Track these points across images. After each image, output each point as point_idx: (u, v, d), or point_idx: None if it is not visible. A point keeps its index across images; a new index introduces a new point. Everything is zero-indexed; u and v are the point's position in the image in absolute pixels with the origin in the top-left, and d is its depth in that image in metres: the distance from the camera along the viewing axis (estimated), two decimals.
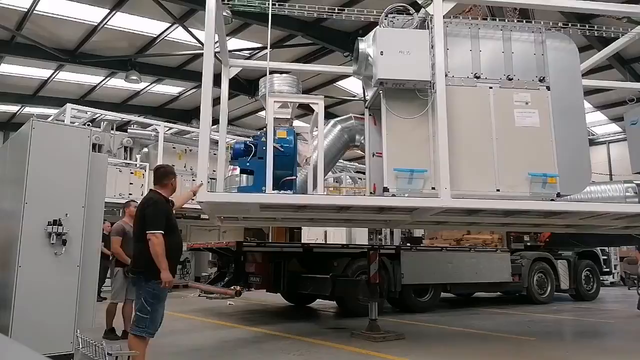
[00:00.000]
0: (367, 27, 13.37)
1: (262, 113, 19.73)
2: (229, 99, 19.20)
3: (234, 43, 13.83)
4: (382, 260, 7.91)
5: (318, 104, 6.03)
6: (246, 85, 16.35)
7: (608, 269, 13.45)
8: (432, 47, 5.34)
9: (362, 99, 6.77)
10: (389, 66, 5.26)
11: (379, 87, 5.50)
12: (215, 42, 5.61)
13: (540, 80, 5.68)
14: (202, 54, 5.26)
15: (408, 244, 11.91)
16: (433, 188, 5.23)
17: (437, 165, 5.18)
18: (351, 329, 7.01)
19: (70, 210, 4.73)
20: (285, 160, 5.70)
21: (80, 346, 4.02)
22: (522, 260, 11.10)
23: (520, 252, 11.43)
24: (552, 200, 5.45)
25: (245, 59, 14.85)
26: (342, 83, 16.75)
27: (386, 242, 15.27)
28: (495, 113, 5.49)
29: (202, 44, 13.25)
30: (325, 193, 6.15)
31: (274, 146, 5.50)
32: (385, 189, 5.21)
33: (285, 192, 5.48)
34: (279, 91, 6.43)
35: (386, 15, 5.62)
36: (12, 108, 18.78)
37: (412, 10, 5.62)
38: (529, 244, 11.86)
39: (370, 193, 6.31)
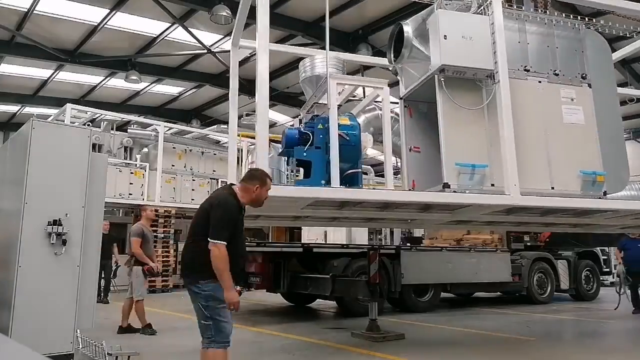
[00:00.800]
0: (367, 27, 13.41)
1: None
2: (228, 99, 19.14)
3: None
4: (382, 260, 7.91)
5: (383, 88, 5.34)
6: (246, 85, 16.33)
7: (608, 269, 13.44)
8: (492, 34, 5.06)
9: (362, 99, 6.67)
10: (453, 52, 4.90)
11: (437, 76, 5.03)
12: (216, 42, 5.55)
13: (582, 78, 5.58)
14: (202, 54, 5.27)
15: (408, 244, 11.91)
16: (492, 185, 4.96)
17: (498, 160, 4.94)
18: (351, 329, 7.01)
19: (70, 210, 4.72)
20: (350, 150, 5.09)
21: (80, 346, 4.02)
22: (522, 260, 11.10)
23: (520, 252, 11.43)
24: (600, 199, 5.38)
25: (245, 59, 14.86)
26: None
27: (386, 242, 15.28)
28: (545, 108, 5.32)
29: (202, 44, 13.34)
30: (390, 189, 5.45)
31: (338, 134, 4.89)
32: (446, 185, 4.82)
33: (347, 187, 5.02)
34: (323, 73, 5.81)
35: None
36: (12, 108, 18.77)
37: None
38: (529, 244, 11.86)
39: (410, 190, 5.85)
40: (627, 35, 6.44)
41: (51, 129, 5.05)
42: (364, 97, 8.23)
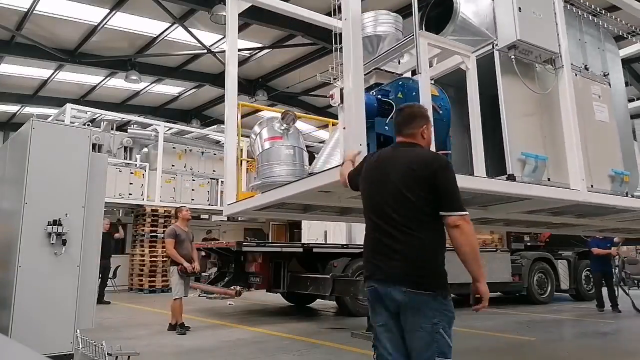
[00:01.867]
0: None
1: (263, 113, 19.71)
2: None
3: None
4: None
5: (469, 57, 4.42)
6: (246, 85, 16.34)
7: None
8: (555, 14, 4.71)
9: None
10: (527, 27, 4.38)
11: (502, 53, 4.45)
12: (216, 42, 5.49)
13: (604, 76, 5.46)
14: (202, 54, 5.33)
15: None
16: (548, 179, 4.56)
17: (554, 152, 4.59)
18: (351, 329, 7.00)
19: (70, 210, 4.73)
20: (441, 127, 4.33)
21: (80, 346, 4.02)
22: (522, 260, 11.10)
23: (520, 252, 11.44)
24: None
25: (245, 59, 14.87)
26: (341, 83, 16.73)
27: None
28: (582, 102, 5.00)
29: (202, 44, 13.33)
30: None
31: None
32: (511, 177, 4.28)
33: None
34: (383, 32, 5.07)
35: None
36: (12, 108, 18.77)
37: None
38: (529, 244, 11.87)
39: None
40: (625, 35, 6.42)
41: (51, 129, 5.06)
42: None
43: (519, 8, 4.35)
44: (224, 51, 14.06)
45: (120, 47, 14.03)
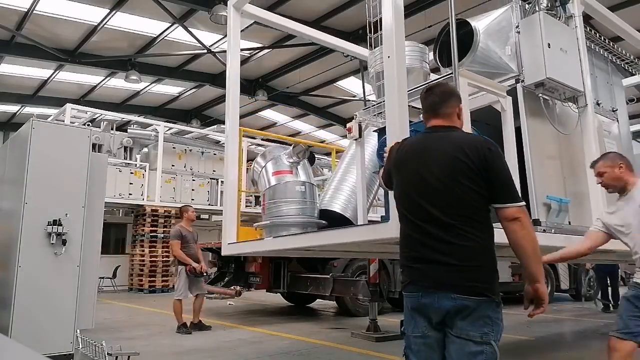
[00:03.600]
0: (367, 27, 13.36)
1: (263, 113, 19.75)
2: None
3: None
4: (382, 260, 7.90)
5: (506, 98, 4.10)
6: (246, 85, 16.34)
7: None
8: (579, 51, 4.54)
9: (362, 99, 6.47)
10: (555, 64, 4.16)
11: (527, 90, 4.23)
12: (216, 42, 5.37)
13: (613, 111, 5.24)
14: (202, 54, 5.28)
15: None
16: (569, 223, 4.25)
17: (575, 194, 4.36)
18: (351, 329, 7.00)
19: (70, 210, 4.73)
20: None
21: (80, 346, 4.01)
22: None
23: None
24: None
25: (245, 59, 14.87)
26: (341, 83, 16.75)
27: None
28: (596, 139, 4.71)
29: (202, 44, 13.33)
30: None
31: None
32: (537, 222, 3.95)
33: None
34: (409, 66, 4.52)
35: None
36: (12, 108, 18.77)
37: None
38: None
39: None
40: (630, 70, 6.14)
41: (51, 129, 5.06)
42: (364, 98, 8.08)
43: (548, 44, 4.15)
44: (224, 51, 14.09)
45: (120, 47, 14.03)
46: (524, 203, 2.15)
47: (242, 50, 14.10)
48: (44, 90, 16.88)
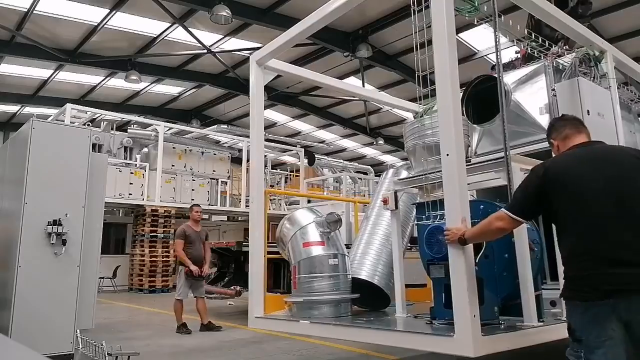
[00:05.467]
0: (367, 27, 13.40)
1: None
2: (228, 99, 19.09)
3: (233, 43, 13.83)
4: None
5: None
6: (246, 85, 16.34)
7: None
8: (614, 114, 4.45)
9: (362, 99, 6.42)
10: (593, 130, 3.99)
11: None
12: (216, 42, 5.23)
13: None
14: (202, 54, 5.19)
15: (409, 244, 11.88)
16: None
17: None
18: None
19: (70, 210, 4.73)
20: (534, 266, 3.51)
21: (80, 346, 4.01)
22: None
23: None
24: None
25: (245, 59, 14.88)
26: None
27: None
28: None
29: (202, 44, 13.33)
30: None
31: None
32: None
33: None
34: None
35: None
36: (12, 108, 18.78)
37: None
38: None
39: None
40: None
41: (51, 129, 5.06)
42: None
43: (587, 111, 4.10)
44: (224, 51, 14.14)
45: (120, 47, 14.04)
46: None
47: (242, 50, 14.17)
48: (44, 90, 16.89)
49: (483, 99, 4.48)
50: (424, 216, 3.64)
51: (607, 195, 2.24)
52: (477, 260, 3.07)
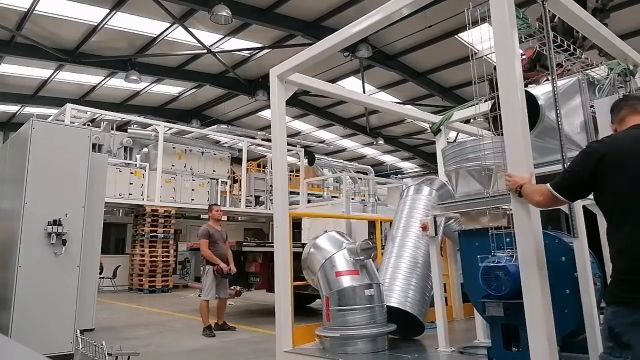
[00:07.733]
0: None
1: (263, 113, 19.73)
2: (228, 99, 19.07)
3: (233, 43, 13.83)
4: None
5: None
6: (246, 85, 16.34)
7: None
8: None
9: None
10: None
11: None
12: (216, 42, 5.11)
13: None
14: (202, 54, 5.16)
15: None
16: None
17: None
18: None
19: (70, 210, 4.73)
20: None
21: (80, 346, 4.02)
22: None
23: None
24: None
25: (245, 59, 14.88)
26: (341, 83, 16.74)
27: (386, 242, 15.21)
28: None
29: (202, 44, 13.33)
30: None
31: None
32: None
33: None
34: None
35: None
36: (12, 108, 18.77)
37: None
38: None
39: None
40: None
41: (51, 129, 5.06)
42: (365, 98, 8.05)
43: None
44: (224, 51, 14.13)
45: (120, 47, 14.03)
46: None
47: (241, 50, 14.16)
48: (44, 90, 16.88)
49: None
50: (474, 245, 3.46)
51: None
52: None
